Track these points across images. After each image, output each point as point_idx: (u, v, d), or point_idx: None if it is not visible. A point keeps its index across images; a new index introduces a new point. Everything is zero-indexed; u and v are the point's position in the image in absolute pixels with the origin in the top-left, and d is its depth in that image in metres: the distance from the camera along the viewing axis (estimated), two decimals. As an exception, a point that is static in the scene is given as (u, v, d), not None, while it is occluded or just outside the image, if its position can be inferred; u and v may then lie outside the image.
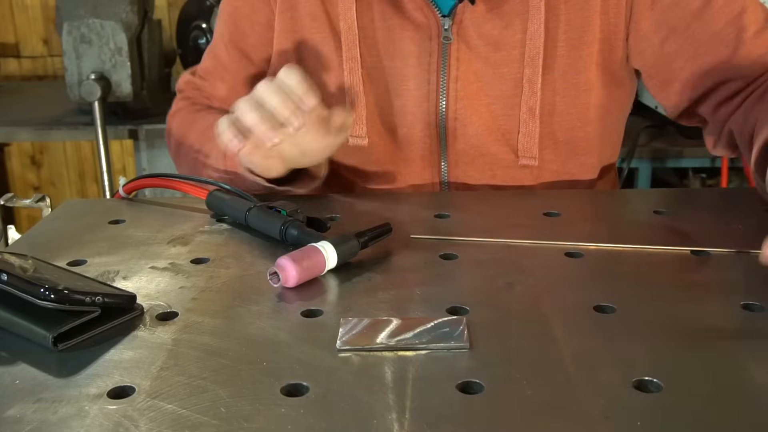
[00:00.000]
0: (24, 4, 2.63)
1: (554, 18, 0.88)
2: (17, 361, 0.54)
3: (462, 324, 0.57)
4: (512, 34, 0.89)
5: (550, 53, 0.89)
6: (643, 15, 0.88)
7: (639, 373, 0.51)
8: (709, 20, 0.87)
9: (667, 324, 0.58)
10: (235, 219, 0.79)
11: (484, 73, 0.90)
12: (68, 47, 1.86)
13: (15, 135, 2.13)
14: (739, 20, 0.86)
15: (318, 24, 0.93)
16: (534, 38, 0.88)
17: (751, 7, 0.87)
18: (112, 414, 0.47)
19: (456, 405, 0.48)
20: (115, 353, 0.55)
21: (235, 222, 0.79)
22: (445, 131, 0.92)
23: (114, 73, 1.88)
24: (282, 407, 0.48)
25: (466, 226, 0.78)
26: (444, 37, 0.89)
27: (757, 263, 0.61)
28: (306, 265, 0.65)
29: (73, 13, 1.85)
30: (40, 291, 0.55)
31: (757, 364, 0.52)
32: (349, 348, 0.54)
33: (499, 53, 0.89)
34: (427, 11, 0.89)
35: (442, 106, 0.91)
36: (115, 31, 1.84)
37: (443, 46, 0.89)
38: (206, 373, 0.52)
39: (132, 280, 0.67)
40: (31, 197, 0.91)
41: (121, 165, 2.72)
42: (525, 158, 0.91)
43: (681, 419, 0.46)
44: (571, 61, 0.89)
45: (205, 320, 0.59)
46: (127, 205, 0.88)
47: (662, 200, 0.87)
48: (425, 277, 0.67)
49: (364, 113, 0.92)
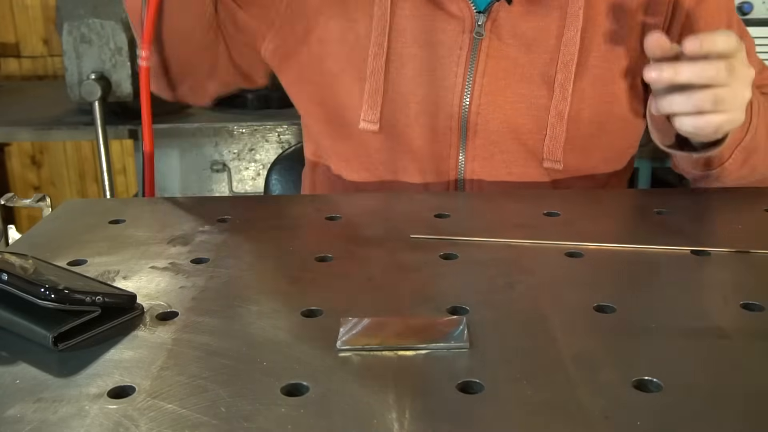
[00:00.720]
0: (24, 4, 2.63)
1: (592, 27, 0.90)
2: (17, 360, 0.54)
3: (462, 324, 0.57)
4: (546, 39, 0.90)
5: (582, 62, 0.90)
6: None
7: (639, 373, 0.51)
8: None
9: (667, 324, 0.58)
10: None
11: (513, 72, 0.91)
12: (68, 47, 1.86)
13: (15, 135, 2.13)
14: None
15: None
16: (569, 45, 0.90)
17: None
18: (112, 414, 0.47)
19: (456, 405, 0.48)
20: (115, 353, 0.55)
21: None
22: (467, 125, 0.93)
23: (114, 73, 1.88)
24: (282, 407, 0.48)
25: (466, 226, 0.78)
26: (476, 33, 0.90)
27: (757, 263, 0.61)
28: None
29: (74, 13, 1.85)
30: (40, 291, 0.55)
31: (757, 364, 0.52)
32: (349, 348, 0.54)
33: (531, 55, 0.91)
34: (463, 5, 0.90)
35: (465, 100, 0.92)
36: (115, 31, 1.84)
37: (475, 41, 0.91)
38: (206, 372, 0.52)
39: (132, 279, 0.67)
40: (32, 197, 0.91)
41: (122, 165, 2.72)
42: (549, 161, 0.93)
43: (681, 419, 0.46)
44: (601, 72, 0.91)
45: (205, 320, 0.59)
46: (127, 205, 0.88)
47: (662, 200, 0.87)
48: (425, 277, 0.67)
49: (380, 100, 0.92)
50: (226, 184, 2.04)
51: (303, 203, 0.93)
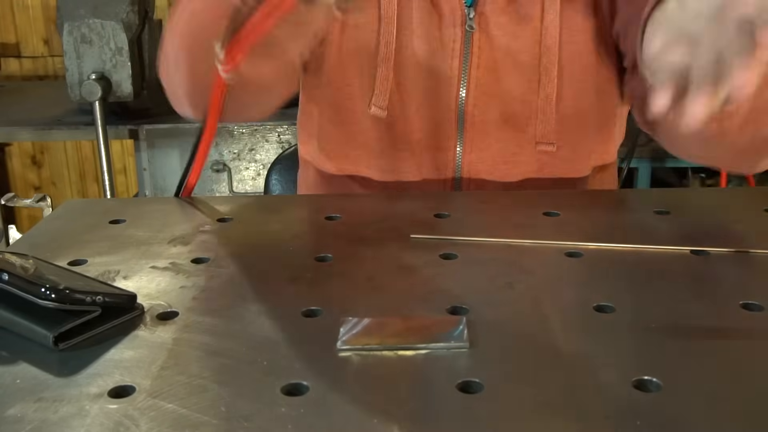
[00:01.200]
0: (25, 4, 2.63)
1: (569, 5, 0.91)
2: (18, 360, 0.54)
3: (462, 324, 0.57)
4: (529, 23, 0.92)
5: (564, 41, 0.92)
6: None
7: (639, 373, 0.51)
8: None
9: (667, 324, 0.58)
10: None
11: (504, 62, 0.93)
12: (69, 47, 1.86)
13: (16, 135, 2.14)
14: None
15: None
16: (550, 27, 0.91)
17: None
18: (112, 413, 0.47)
19: (456, 405, 0.48)
20: (115, 353, 0.55)
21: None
22: (464, 116, 0.94)
23: (114, 73, 1.88)
24: (282, 407, 0.48)
25: (466, 226, 0.78)
26: (468, 26, 0.92)
27: (757, 263, 0.61)
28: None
29: (74, 13, 1.85)
30: (41, 290, 0.55)
31: (756, 364, 0.52)
32: (349, 348, 0.54)
33: (518, 42, 0.92)
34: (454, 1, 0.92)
35: (462, 92, 0.93)
36: (115, 31, 1.85)
37: (467, 34, 0.92)
38: (206, 372, 0.52)
39: (132, 279, 0.67)
40: (32, 197, 0.91)
41: (122, 165, 2.73)
42: (542, 144, 0.94)
43: (681, 419, 0.46)
44: (579, 48, 0.92)
45: (206, 320, 0.59)
46: (127, 205, 0.88)
47: (662, 200, 0.87)
48: (425, 277, 0.67)
49: (388, 86, 0.93)
50: (226, 184, 2.05)
51: (303, 203, 0.93)
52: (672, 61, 0.62)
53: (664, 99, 0.61)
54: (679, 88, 0.62)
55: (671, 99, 0.61)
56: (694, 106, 0.59)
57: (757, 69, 0.57)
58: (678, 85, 0.62)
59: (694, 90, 0.60)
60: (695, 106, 0.59)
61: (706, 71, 0.60)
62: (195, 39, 0.80)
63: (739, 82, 0.57)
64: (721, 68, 0.59)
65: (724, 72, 0.58)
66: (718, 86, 0.58)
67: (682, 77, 0.62)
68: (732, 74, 0.58)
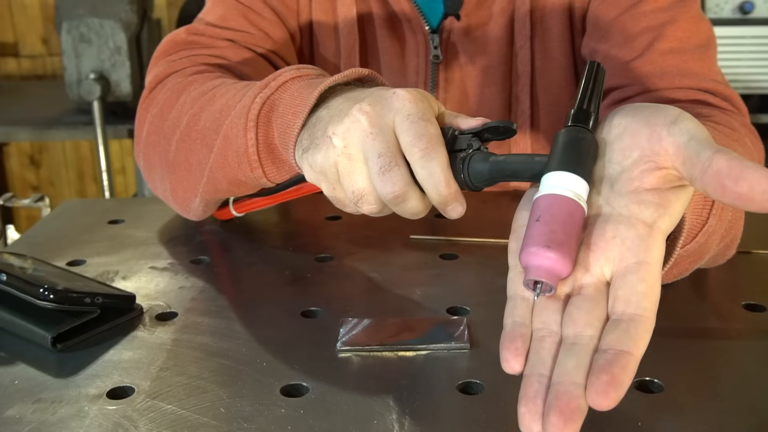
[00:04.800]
0: (23, 4, 2.63)
1: (542, 32, 0.86)
2: (16, 361, 0.54)
3: (462, 324, 0.57)
4: (499, 48, 0.86)
5: (538, 66, 0.87)
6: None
7: (639, 373, 0.50)
8: (630, 21, 0.81)
9: (667, 324, 0.57)
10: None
11: (473, 93, 0.88)
12: (67, 47, 1.86)
13: (14, 135, 2.13)
14: (660, 30, 0.79)
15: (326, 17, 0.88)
16: (520, 53, 0.86)
17: (682, 23, 0.78)
18: (111, 414, 0.47)
19: (456, 405, 0.48)
20: (114, 353, 0.55)
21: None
22: None
23: (113, 73, 1.88)
24: (282, 407, 0.48)
25: (466, 226, 0.78)
26: (434, 56, 0.86)
27: (757, 263, 0.61)
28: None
29: (72, 13, 1.85)
30: (39, 291, 0.55)
31: (757, 364, 0.52)
32: (349, 348, 0.54)
33: (488, 69, 0.87)
34: (416, 25, 0.85)
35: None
36: (114, 31, 1.84)
37: (432, 65, 0.87)
38: (206, 373, 0.52)
39: (131, 280, 0.67)
40: (30, 197, 0.91)
41: (121, 165, 2.72)
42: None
43: (681, 419, 0.46)
44: (549, 73, 0.87)
45: (205, 320, 0.59)
46: (126, 205, 0.88)
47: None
48: (425, 277, 0.67)
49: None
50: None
51: (303, 203, 0.92)
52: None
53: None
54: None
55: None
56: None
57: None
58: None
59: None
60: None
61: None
62: (211, 178, 0.67)
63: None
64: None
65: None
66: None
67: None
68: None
